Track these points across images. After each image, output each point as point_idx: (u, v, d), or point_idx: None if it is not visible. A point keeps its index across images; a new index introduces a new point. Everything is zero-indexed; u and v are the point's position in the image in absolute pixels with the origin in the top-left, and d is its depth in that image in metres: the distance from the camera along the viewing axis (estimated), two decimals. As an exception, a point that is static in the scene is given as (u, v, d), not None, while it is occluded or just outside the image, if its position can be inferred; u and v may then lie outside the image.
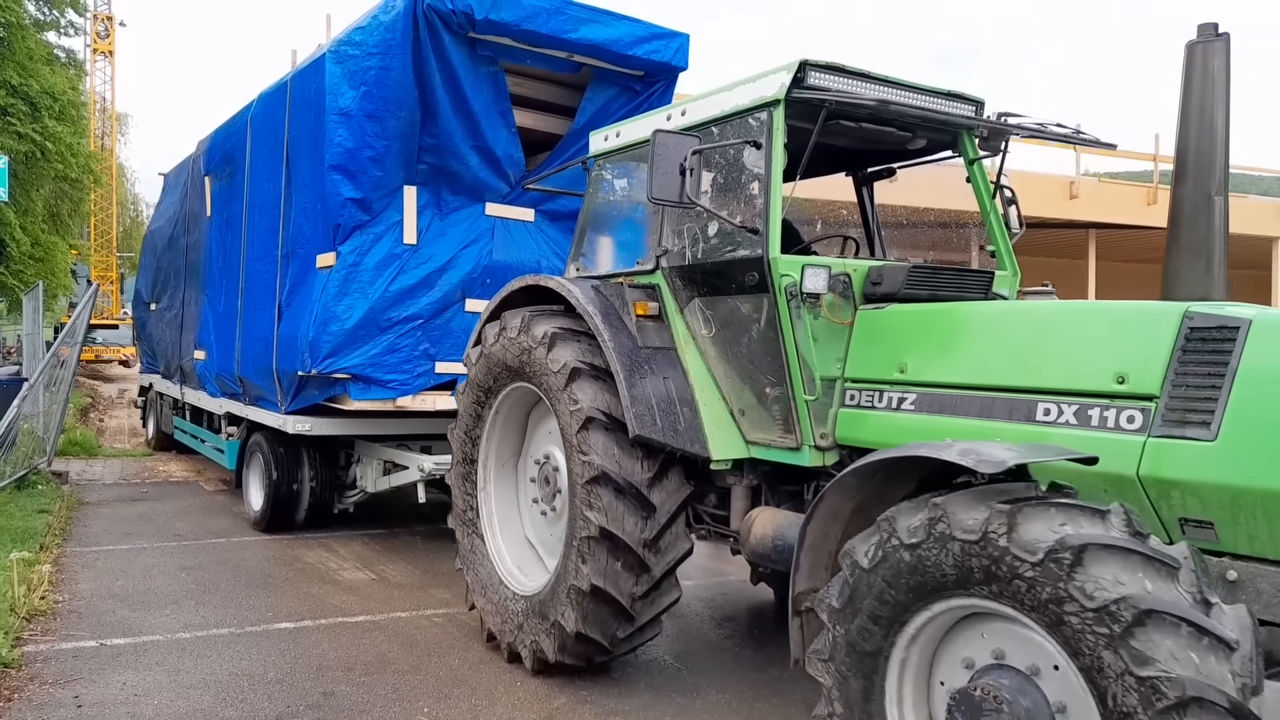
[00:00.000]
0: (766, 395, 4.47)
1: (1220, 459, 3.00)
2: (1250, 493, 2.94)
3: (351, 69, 7.13)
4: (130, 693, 4.64)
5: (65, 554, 7.49)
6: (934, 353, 3.97)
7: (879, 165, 5.61)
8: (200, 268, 10.55)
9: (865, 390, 4.19)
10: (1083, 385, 3.42)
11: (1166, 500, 3.14)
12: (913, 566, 2.94)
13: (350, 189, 7.23)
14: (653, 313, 4.89)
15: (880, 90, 4.49)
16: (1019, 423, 3.56)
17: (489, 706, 4.56)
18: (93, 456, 13.42)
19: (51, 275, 26.15)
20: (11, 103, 20.77)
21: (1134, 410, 3.24)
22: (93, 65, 47.18)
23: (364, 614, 6.04)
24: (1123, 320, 3.47)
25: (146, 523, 8.88)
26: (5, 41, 21.56)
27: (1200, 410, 3.09)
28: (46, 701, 4.50)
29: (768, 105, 4.41)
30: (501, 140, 7.45)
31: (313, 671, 4.98)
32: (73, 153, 23.53)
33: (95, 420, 19.84)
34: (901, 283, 4.26)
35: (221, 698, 4.61)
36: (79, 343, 12.79)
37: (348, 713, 4.45)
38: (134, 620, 5.80)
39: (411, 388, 7.33)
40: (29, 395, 10.02)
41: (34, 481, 10.07)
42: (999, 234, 5.01)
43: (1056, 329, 3.67)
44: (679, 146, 4.25)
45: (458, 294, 7.49)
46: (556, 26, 7.11)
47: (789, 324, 4.25)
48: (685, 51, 7.72)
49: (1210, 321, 3.17)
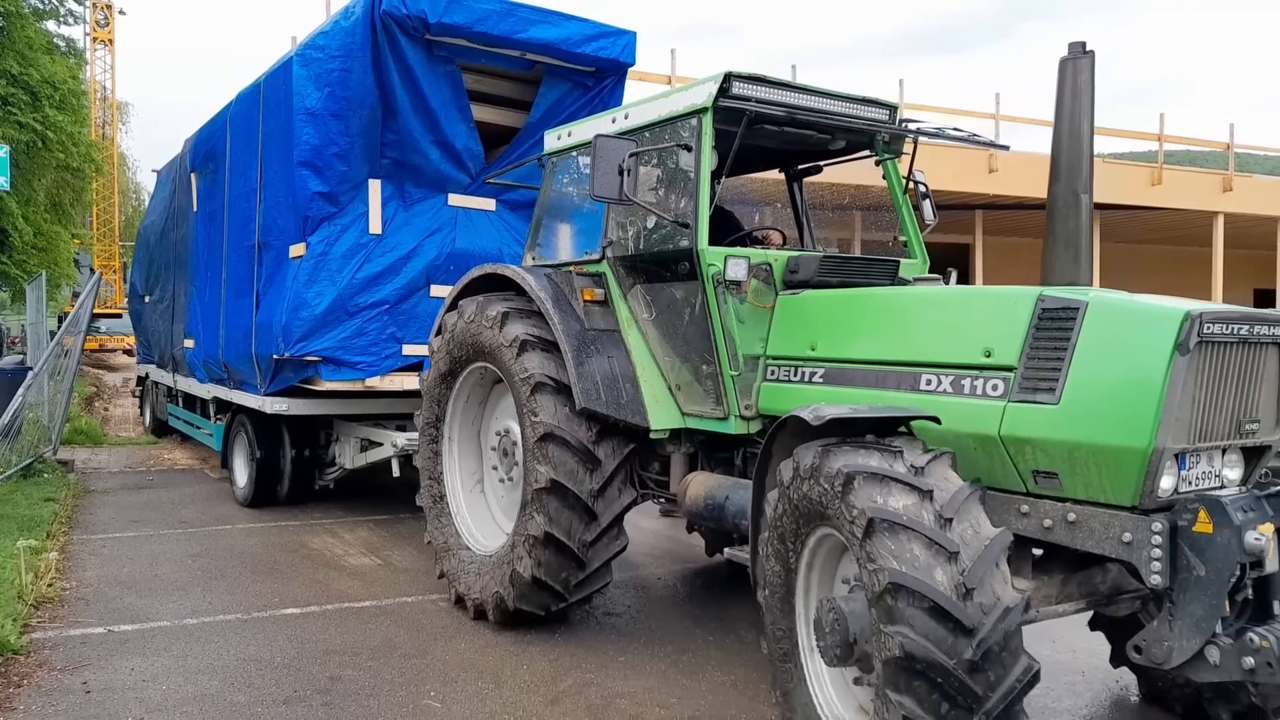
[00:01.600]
0: (699, 372, 4.98)
1: (1062, 420, 3.52)
2: (1084, 447, 3.48)
3: (316, 71, 7.59)
4: (138, 678, 4.67)
5: (72, 541, 7.52)
6: (839, 332, 4.52)
7: (806, 164, 6.16)
8: (188, 260, 10.98)
9: (783, 366, 4.72)
10: (957, 359, 3.93)
11: (1021, 455, 3.66)
12: (797, 502, 3.61)
13: (318, 183, 7.67)
14: (599, 298, 5.37)
15: (798, 98, 4.99)
16: (906, 391, 4.08)
17: (496, 690, 4.58)
18: (98, 445, 13.46)
19: (54, 265, 26.15)
20: (12, 92, 20.72)
21: (997, 379, 3.77)
22: (93, 54, 47.06)
23: (370, 599, 6.06)
24: (990, 303, 4.00)
25: (152, 510, 8.91)
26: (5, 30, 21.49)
27: (1048, 378, 3.60)
28: (55, 688, 4.52)
29: (697, 112, 4.88)
30: (461, 135, 7.86)
31: (320, 656, 4.99)
32: (74, 142, 23.48)
33: (100, 409, 19.88)
34: (815, 271, 4.81)
35: (229, 682, 4.62)
36: (83, 332, 12.81)
37: (355, 696, 4.46)
38: (141, 607, 5.82)
39: (379, 369, 7.78)
40: (34, 384, 10.04)
41: (40, 470, 10.10)
42: (909, 225, 5.57)
43: (938, 311, 4.23)
44: (617, 149, 4.71)
45: (422, 280, 7.89)
46: (508, 28, 7.54)
47: (716, 308, 4.76)
48: (632, 48, 8.15)
49: (1057, 304, 3.68)
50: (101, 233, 45.62)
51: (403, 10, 7.23)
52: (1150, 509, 3.41)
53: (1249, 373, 3.62)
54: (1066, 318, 3.63)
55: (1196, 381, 3.44)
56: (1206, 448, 3.55)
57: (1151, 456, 3.34)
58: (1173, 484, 3.45)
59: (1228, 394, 3.58)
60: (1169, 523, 3.35)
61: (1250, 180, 24.64)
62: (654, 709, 4.39)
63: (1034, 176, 21.59)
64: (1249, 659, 3.23)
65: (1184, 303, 3.61)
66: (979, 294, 4.27)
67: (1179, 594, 3.36)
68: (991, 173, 20.53)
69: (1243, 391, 3.61)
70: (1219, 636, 3.31)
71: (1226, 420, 3.59)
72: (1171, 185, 22.97)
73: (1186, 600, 3.35)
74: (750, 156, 5.47)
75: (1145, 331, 3.45)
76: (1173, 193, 23.03)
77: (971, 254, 24.83)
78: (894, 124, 5.34)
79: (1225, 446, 3.63)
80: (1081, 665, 5.01)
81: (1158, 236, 28.20)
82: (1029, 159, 21.80)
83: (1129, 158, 29.52)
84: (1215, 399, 3.54)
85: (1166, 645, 3.40)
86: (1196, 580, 3.32)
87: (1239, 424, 3.63)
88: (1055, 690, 4.67)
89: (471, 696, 4.50)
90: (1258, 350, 3.64)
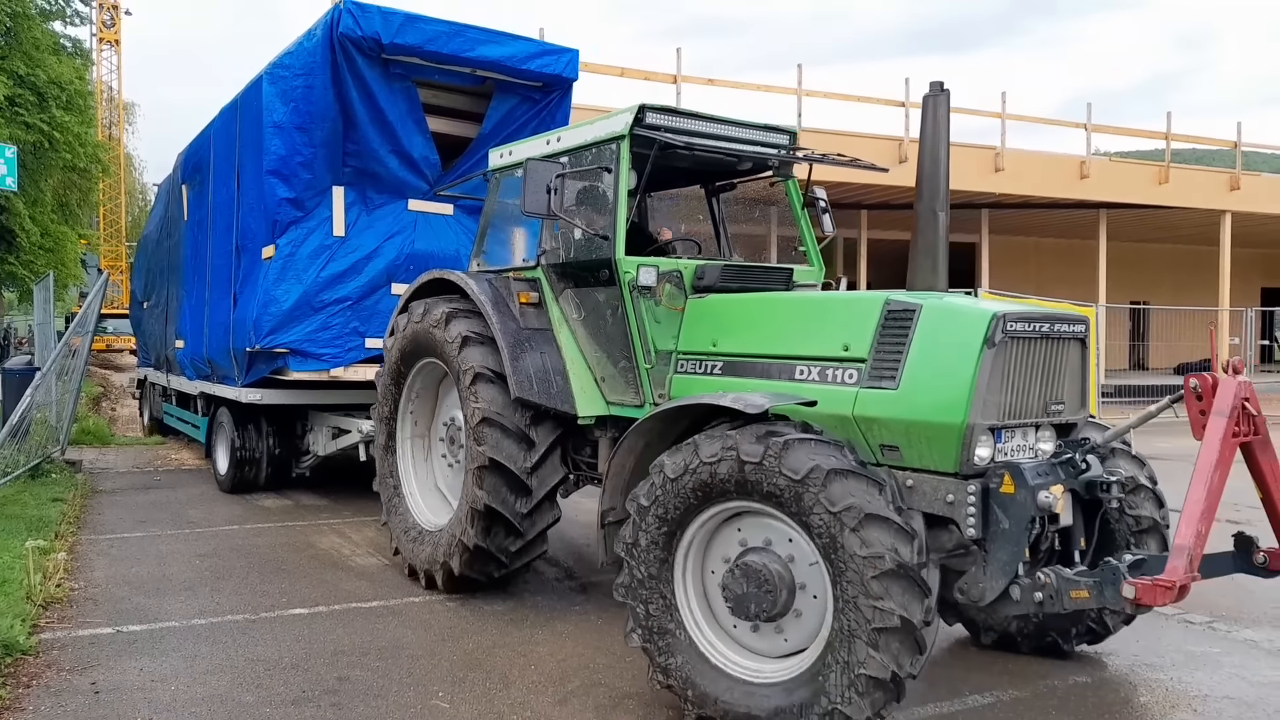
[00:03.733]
0: (620, 365, 5.60)
1: (900, 402, 4.17)
2: (917, 424, 4.12)
3: (282, 88, 8.31)
4: (147, 678, 4.67)
5: (80, 542, 7.54)
6: (734, 331, 5.15)
7: (723, 181, 6.77)
8: (179, 266, 11.72)
9: (691, 360, 5.30)
10: (823, 353, 4.58)
11: (871, 431, 4.30)
12: (705, 479, 4.03)
13: (285, 190, 8.37)
14: (534, 301, 5.98)
15: (705, 126, 5.68)
16: (785, 380, 4.72)
17: (504, 690, 4.58)
18: (105, 445, 13.50)
19: (61, 265, 26.20)
20: (19, 93, 20.76)
21: (853, 369, 4.41)
22: (99, 54, 47.14)
23: (378, 599, 6.07)
24: (849, 306, 4.70)
25: (160, 510, 8.93)
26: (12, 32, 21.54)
27: (890, 368, 4.24)
28: (64, 688, 4.53)
29: (616, 138, 5.51)
30: (417, 145, 8.53)
31: (328, 656, 5.00)
32: (80, 142, 23.51)
33: (107, 409, 19.94)
34: (718, 277, 5.44)
35: (238, 682, 4.63)
36: (90, 332, 12.85)
37: (363, 697, 4.47)
38: (150, 607, 5.83)
39: (343, 360, 8.43)
40: (41, 385, 10.05)
41: (48, 470, 10.13)
42: (807, 236, 6.23)
43: (809, 312, 4.92)
44: (546, 170, 5.30)
45: (384, 278, 8.53)
46: (457, 47, 8.20)
47: (631, 310, 5.39)
48: (575, 64, 8.82)
49: (899, 306, 4.33)
50: (108, 233, 45.71)
51: (358, 32, 7.85)
52: (968, 475, 4.03)
53: (1053, 363, 4.34)
54: (906, 318, 4.28)
55: (1004, 370, 4.11)
56: (1019, 424, 4.24)
57: (965, 431, 3.98)
58: (989, 454, 4.07)
59: (1035, 380, 4.27)
60: (981, 485, 4.01)
61: (1258, 178, 24.54)
62: (662, 710, 4.38)
63: (1040, 175, 21.56)
64: (1038, 594, 3.92)
65: (996, 305, 4.31)
66: (841, 298, 5.05)
67: (990, 544, 4.03)
68: (997, 172, 20.49)
69: (1049, 378, 4.32)
70: (1019, 578, 3.98)
71: (1035, 402, 4.28)
72: (1179, 184, 22.89)
73: (995, 549, 4.02)
74: (673, 175, 6.43)
75: (961, 329, 4.13)
76: (1180, 191, 22.95)
77: (978, 253, 24.78)
78: (794, 147, 6.07)
79: (1038, 424, 4.33)
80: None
81: (1165, 235, 28.11)
82: (1036, 158, 21.77)
83: (1136, 156, 29.45)
84: (1023, 384, 4.22)
85: (981, 586, 4.07)
86: (1002, 532, 3.99)
87: (1046, 405, 4.33)
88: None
89: (480, 697, 4.50)
90: (1061, 344, 4.37)
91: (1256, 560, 4.13)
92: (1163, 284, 28.78)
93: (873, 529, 3.63)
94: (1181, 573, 3.61)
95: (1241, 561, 4.17)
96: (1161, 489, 4.79)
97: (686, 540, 4.26)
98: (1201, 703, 4.52)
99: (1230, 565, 4.17)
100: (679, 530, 4.22)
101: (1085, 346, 4.52)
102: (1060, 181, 21.66)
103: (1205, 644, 5.36)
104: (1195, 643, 5.38)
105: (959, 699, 4.53)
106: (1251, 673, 4.91)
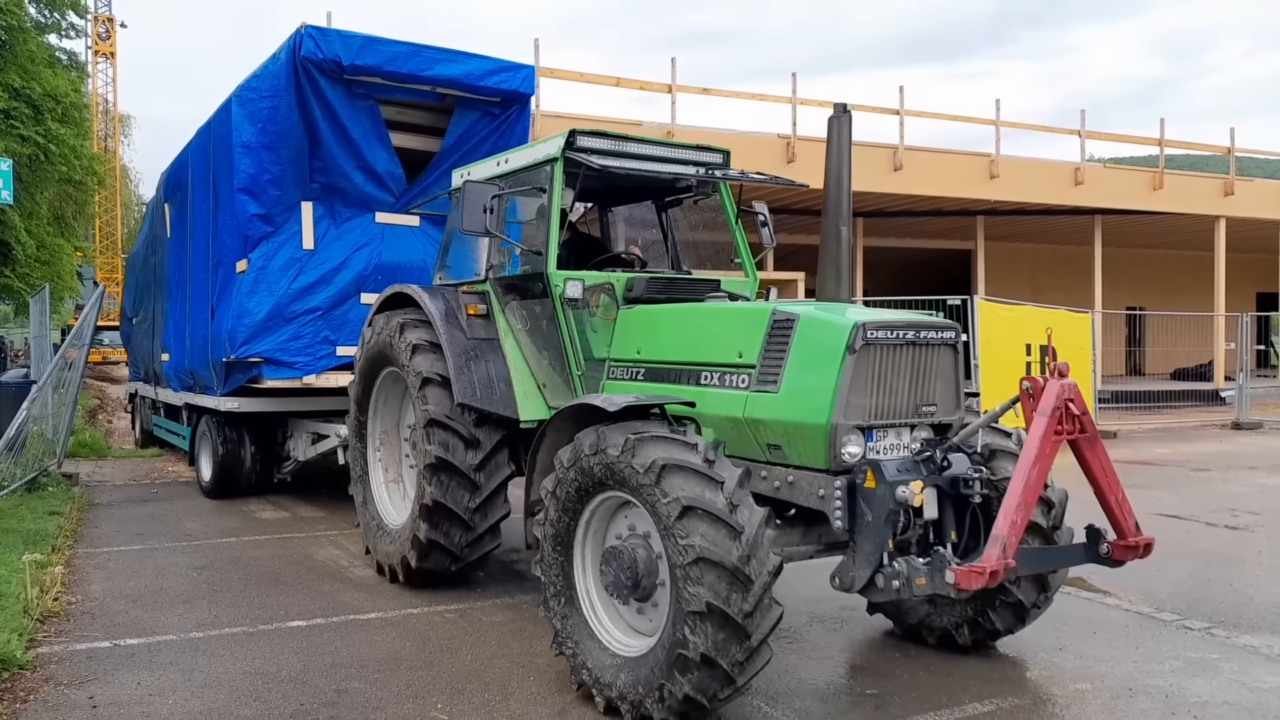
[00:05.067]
0: (559, 372, 5.99)
1: (780, 405, 4.54)
2: (794, 425, 4.49)
3: (250, 109, 8.75)
4: (145, 692, 4.66)
5: (77, 555, 7.52)
6: (654, 340, 5.49)
7: (669, 197, 7.04)
8: (164, 282, 12.13)
9: (620, 367, 5.65)
10: (722, 359, 4.95)
11: (758, 432, 4.67)
12: (587, 469, 4.36)
13: (255, 206, 8.79)
14: (482, 313, 6.38)
15: (636, 148, 6.07)
16: (692, 385, 5.08)
17: (503, 702, 4.56)
18: (102, 458, 13.47)
19: (57, 277, 26.17)
20: (14, 105, 20.75)
21: (745, 374, 4.78)
22: (94, 67, 47.17)
23: (375, 611, 6.05)
24: (744, 316, 5.01)
25: (157, 523, 8.91)
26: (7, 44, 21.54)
27: (773, 374, 4.61)
28: (61, 702, 4.51)
29: (549, 161, 5.92)
30: (382, 160, 8.94)
31: (326, 669, 4.98)
32: (76, 155, 23.50)
33: (104, 421, 19.90)
34: (646, 289, 5.78)
35: (236, 696, 4.61)
36: (86, 345, 12.81)
37: (362, 709, 4.45)
38: (147, 620, 5.81)
39: (315, 368, 8.78)
40: (38, 398, 10.04)
41: (44, 483, 10.10)
42: (742, 247, 6.58)
43: (713, 322, 5.23)
44: (483, 191, 5.66)
45: (352, 289, 8.89)
46: (415, 66, 8.62)
47: (562, 320, 5.78)
48: (531, 80, 9.31)
49: (782, 316, 4.68)
50: (104, 245, 45.68)
51: (319, 55, 8.30)
52: (837, 471, 4.34)
53: (922, 368, 4.60)
54: (787, 327, 4.63)
55: (868, 374, 4.41)
56: (889, 425, 4.52)
57: (831, 431, 4.32)
58: (860, 452, 4.37)
59: (904, 384, 4.53)
60: (848, 481, 4.31)
61: (1252, 184, 24.61)
62: (662, 720, 4.37)
63: (1036, 182, 21.62)
64: (895, 581, 4.14)
65: (862, 314, 4.62)
66: (738, 309, 5.29)
67: (857, 535, 4.30)
68: (993, 179, 20.53)
69: (918, 382, 4.59)
70: (884, 566, 4.20)
71: (905, 404, 4.55)
72: (1173, 190, 22.95)
73: (862, 540, 4.28)
74: (621, 193, 6.95)
75: (827, 337, 4.46)
76: (1174, 197, 23.02)
77: (974, 260, 24.83)
78: (726, 166, 6.37)
79: (912, 424, 4.60)
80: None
81: (1160, 241, 28.18)
82: (1031, 164, 21.83)
83: (1129, 162, 29.51)
84: (891, 387, 4.50)
85: (850, 574, 4.31)
86: (867, 524, 4.25)
87: (918, 407, 4.60)
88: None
89: (479, 708, 4.48)
90: (929, 350, 4.63)
91: (1101, 551, 4.47)
92: (1158, 289, 28.84)
93: (694, 520, 3.90)
94: (995, 559, 3.96)
95: (1091, 553, 4.49)
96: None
97: (584, 523, 4.59)
98: (1201, 709, 4.52)
99: (1083, 556, 4.54)
100: (576, 515, 4.56)
101: (957, 351, 4.76)
102: (1055, 188, 21.71)
103: (1204, 650, 5.36)
104: (1194, 649, 5.38)
105: (959, 707, 4.52)
106: (1251, 679, 4.90)
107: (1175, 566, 7.20)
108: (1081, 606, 6.19)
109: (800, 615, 5.97)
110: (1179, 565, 7.26)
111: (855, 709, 4.52)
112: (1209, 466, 13.06)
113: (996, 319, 14.93)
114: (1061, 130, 22.78)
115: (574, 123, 17.18)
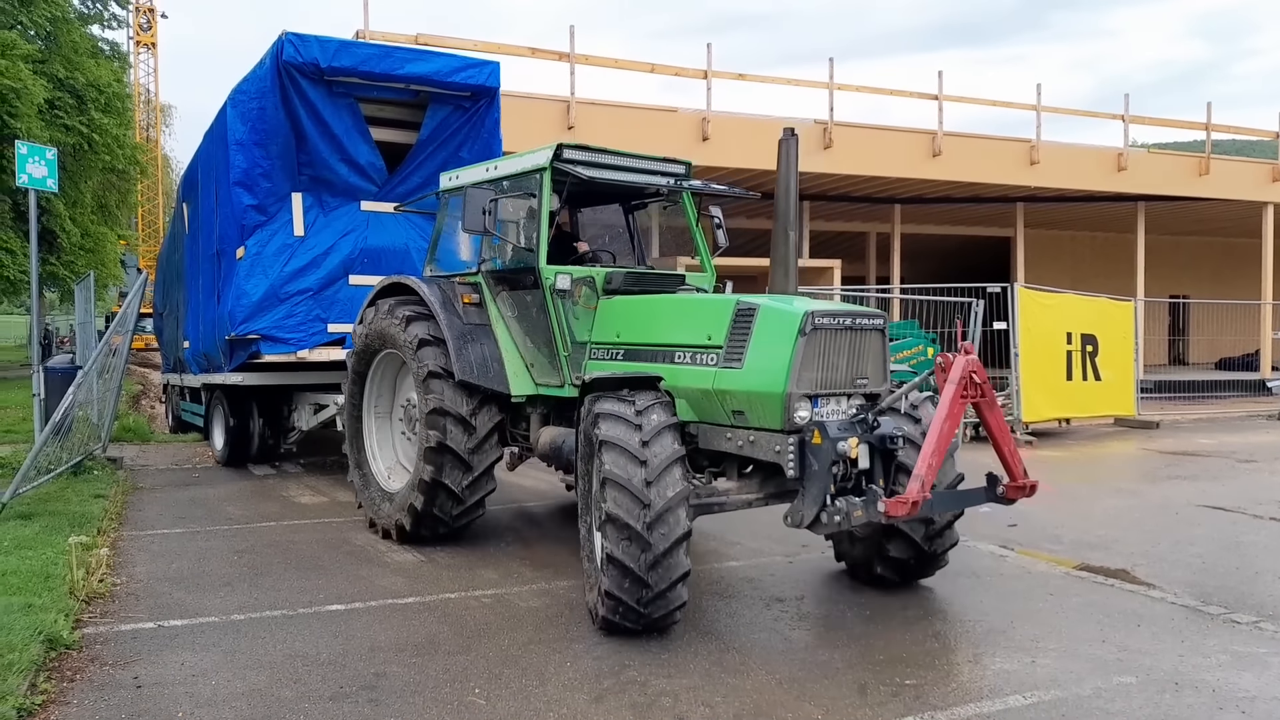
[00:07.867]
0: (545, 353, 6.93)
1: (744, 378, 5.50)
2: (755, 394, 5.44)
3: (241, 110, 9.73)
4: (188, 673, 4.72)
5: (122, 538, 7.64)
6: (632, 325, 6.45)
7: (635, 201, 8.08)
8: (184, 275, 12.95)
9: (601, 349, 6.62)
10: (693, 341, 5.90)
11: (725, 401, 5.63)
12: (587, 431, 5.41)
13: (249, 198, 9.73)
14: (475, 301, 7.29)
15: (612, 159, 7.00)
16: (667, 364, 6.01)
17: (540, 687, 4.58)
18: (145, 442, 13.68)
19: (101, 265, 26.59)
20: (59, 96, 21.07)
21: (714, 354, 5.73)
22: (136, 57, 47.77)
23: (413, 595, 6.10)
24: (713, 306, 5.92)
25: (198, 507, 9.04)
26: (51, 36, 21.85)
27: (738, 353, 5.57)
28: (107, 682, 4.59)
29: (539, 170, 6.81)
30: (364, 153, 9.86)
31: (364, 653, 5.03)
32: (119, 144, 23.83)
33: (147, 407, 20.21)
34: (623, 282, 6.79)
35: (276, 678, 4.67)
36: (130, 331, 13.01)
37: (400, 693, 4.49)
38: (190, 602, 5.90)
39: (308, 343, 9.68)
40: (83, 383, 10.20)
41: (90, 467, 10.28)
42: (702, 247, 7.62)
43: (684, 310, 6.19)
44: (483, 195, 6.59)
45: (340, 271, 9.84)
46: (388, 66, 9.57)
47: (552, 308, 6.72)
48: (497, 75, 10.11)
49: (745, 306, 5.63)
50: (147, 234, 46.33)
51: (299, 59, 9.21)
52: (789, 431, 5.29)
53: (857, 348, 5.55)
54: (749, 315, 5.58)
55: (815, 353, 5.36)
56: (830, 393, 5.45)
57: (786, 399, 5.28)
58: (807, 415, 5.30)
59: (842, 361, 5.48)
60: (799, 439, 5.26)
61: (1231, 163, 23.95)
62: (698, 707, 4.36)
63: (1077, 168, 21.26)
64: (836, 516, 5.07)
65: (811, 305, 5.49)
66: (707, 299, 6.22)
67: (805, 482, 5.25)
68: (1033, 165, 20.21)
69: (854, 359, 5.54)
70: (827, 505, 5.13)
71: (844, 377, 5.50)
72: (1219, 175, 22.47)
73: (810, 485, 5.23)
74: (596, 196, 7.90)
75: (783, 323, 5.40)
76: (1220, 183, 22.54)
77: (1013, 247, 24.48)
78: (687, 178, 7.39)
79: (848, 393, 5.53)
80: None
81: (1204, 228, 27.61)
82: (1073, 150, 21.46)
83: (1169, 148, 28.92)
84: (833, 364, 5.44)
85: (800, 513, 5.24)
86: (814, 473, 5.21)
87: (853, 380, 5.54)
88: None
89: (516, 694, 4.50)
90: (862, 334, 5.57)
91: (998, 492, 5.52)
92: (1202, 277, 28.28)
93: (610, 453, 5.08)
94: (915, 492, 4.92)
95: (990, 494, 5.55)
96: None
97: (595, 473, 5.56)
98: (1250, 704, 4.42)
99: (983, 497, 5.58)
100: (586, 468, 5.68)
101: (884, 335, 5.70)
102: (1097, 174, 21.33)
103: (1252, 644, 5.25)
104: (1242, 643, 5.27)
105: (999, 698, 4.47)
106: (1301, 674, 4.79)
107: (1222, 559, 7.06)
108: (1125, 599, 6.09)
109: (839, 606, 5.94)
110: (1226, 558, 7.12)
111: (895, 699, 4.48)
112: (1255, 457, 12.80)
113: (1037, 307, 14.72)
114: (1105, 115, 22.36)
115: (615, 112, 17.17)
